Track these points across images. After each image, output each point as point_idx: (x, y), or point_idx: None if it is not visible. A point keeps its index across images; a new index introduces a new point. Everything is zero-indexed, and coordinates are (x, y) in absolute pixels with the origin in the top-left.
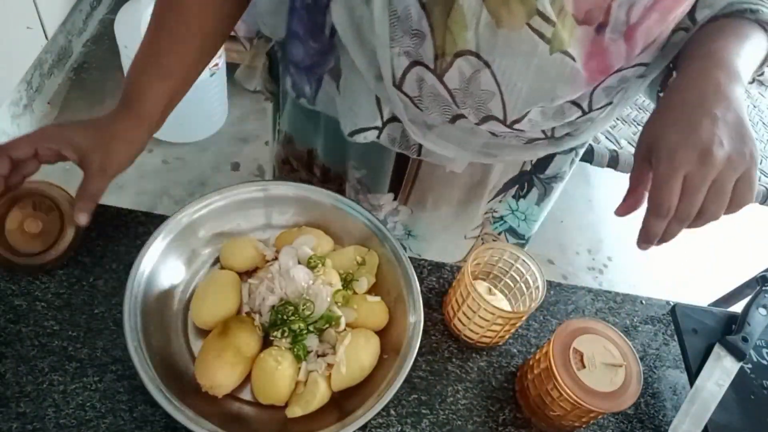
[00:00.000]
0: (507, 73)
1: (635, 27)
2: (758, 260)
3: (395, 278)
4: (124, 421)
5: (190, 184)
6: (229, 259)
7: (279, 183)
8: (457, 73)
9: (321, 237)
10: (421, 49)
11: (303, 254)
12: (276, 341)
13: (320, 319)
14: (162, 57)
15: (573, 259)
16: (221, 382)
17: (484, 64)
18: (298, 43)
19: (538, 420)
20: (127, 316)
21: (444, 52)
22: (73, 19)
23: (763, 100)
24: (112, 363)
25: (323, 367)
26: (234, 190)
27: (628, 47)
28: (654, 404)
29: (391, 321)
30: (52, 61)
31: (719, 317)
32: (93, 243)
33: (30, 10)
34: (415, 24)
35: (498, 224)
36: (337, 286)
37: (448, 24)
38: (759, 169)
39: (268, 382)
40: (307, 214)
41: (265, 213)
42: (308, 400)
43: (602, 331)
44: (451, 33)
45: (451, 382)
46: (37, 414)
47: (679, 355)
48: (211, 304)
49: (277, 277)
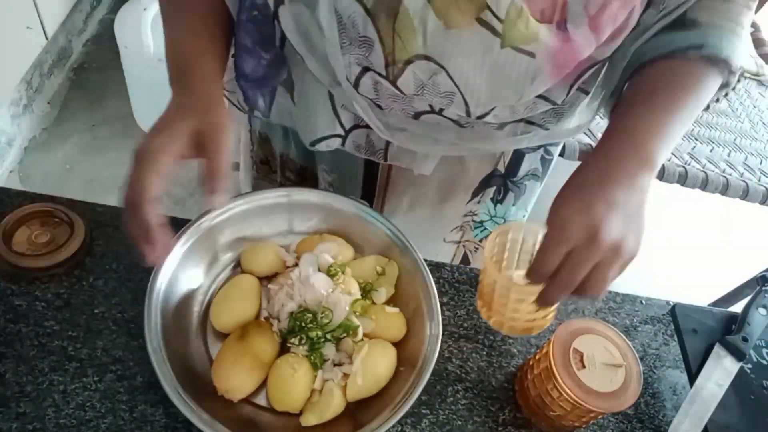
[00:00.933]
0: (464, 72)
1: (597, 17)
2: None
3: (414, 290)
4: (123, 421)
5: (190, 183)
6: (250, 263)
7: (303, 189)
8: (412, 78)
9: (342, 245)
10: (370, 56)
11: (323, 262)
12: (293, 348)
13: (338, 327)
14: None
15: None
16: (237, 386)
17: (440, 67)
18: (246, 56)
19: (538, 420)
20: (147, 318)
21: (395, 59)
22: (73, 19)
23: (763, 100)
24: (112, 363)
25: (339, 377)
26: (258, 195)
27: (595, 35)
28: (654, 404)
29: (408, 333)
30: (52, 61)
31: (719, 317)
32: (93, 243)
33: (30, 10)
34: (362, 31)
35: (479, 230)
36: (356, 296)
37: (396, 30)
38: (759, 169)
39: (283, 389)
40: (329, 221)
41: (288, 219)
42: (323, 409)
43: (602, 331)
44: (400, 39)
45: (451, 382)
46: (37, 414)
47: (679, 355)
48: (231, 308)
49: (297, 283)
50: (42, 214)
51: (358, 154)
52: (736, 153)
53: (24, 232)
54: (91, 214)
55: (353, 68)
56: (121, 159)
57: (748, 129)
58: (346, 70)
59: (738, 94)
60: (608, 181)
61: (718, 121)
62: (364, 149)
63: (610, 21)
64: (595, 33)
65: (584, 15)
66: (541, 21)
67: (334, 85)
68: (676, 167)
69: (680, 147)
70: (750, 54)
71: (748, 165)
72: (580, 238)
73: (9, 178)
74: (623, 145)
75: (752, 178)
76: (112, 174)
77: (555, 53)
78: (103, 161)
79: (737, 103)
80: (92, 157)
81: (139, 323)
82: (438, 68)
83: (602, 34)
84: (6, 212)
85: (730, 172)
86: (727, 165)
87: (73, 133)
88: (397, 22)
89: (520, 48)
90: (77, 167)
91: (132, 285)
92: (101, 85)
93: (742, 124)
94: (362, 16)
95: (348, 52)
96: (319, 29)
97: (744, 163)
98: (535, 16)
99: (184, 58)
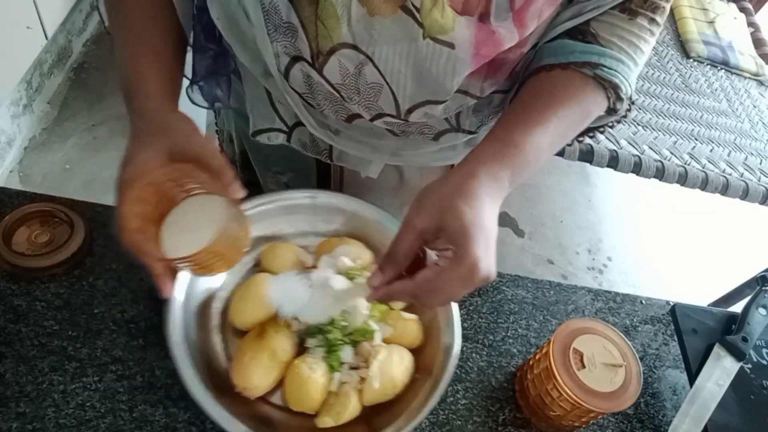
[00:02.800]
0: (390, 63)
1: (522, 11)
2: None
3: None
4: (123, 421)
5: None
6: (270, 262)
7: (327, 192)
8: (338, 67)
9: (361, 249)
10: (296, 43)
11: (342, 265)
12: (311, 349)
13: (356, 331)
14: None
15: (573, 259)
16: (255, 383)
17: (366, 56)
18: (197, 54)
19: (538, 420)
20: (170, 312)
21: (319, 47)
22: (73, 19)
23: (763, 100)
24: (112, 363)
25: (356, 380)
26: (282, 195)
27: (519, 29)
28: (654, 404)
29: (425, 341)
30: (51, 61)
31: (719, 317)
32: (93, 243)
33: (30, 10)
34: (285, 17)
35: None
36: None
37: (320, 17)
38: (759, 169)
39: (300, 389)
40: (349, 225)
41: (309, 220)
42: (339, 411)
43: (602, 331)
44: (324, 26)
45: (451, 382)
46: (37, 414)
47: (679, 355)
48: (250, 306)
49: (316, 285)
50: (42, 214)
51: (305, 152)
52: (736, 153)
53: (24, 232)
54: (91, 214)
55: (282, 58)
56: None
57: (748, 129)
58: (276, 60)
59: (738, 94)
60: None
61: (718, 121)
62: (310, 147)
63: (535, 16)
64: (519, 27)
65: (508, 9)
66: (462, 13)
67: (267, 76)
68: (676, 167)
69: (680, 147)
70: (750, 54)
71: (748, 165)
72: (476, 277)
73: (9, 178)
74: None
75: (752, 178)
76: (112, 174)
77: (481, 46)
78: (103, 161)
79: (737, 103)
80: (92, 157)
81: (139, 323)
82: (365, 58)
83: (526, 29)
84: (6, 212)
85: (730, 172)
86: (727, 165)
87: (72, 132)
88: (319, 9)
89: (438, 39)
90: (77, 167)
91: (132, 285)
92: (101, 85)
93: (742, 124)
94: (284, 2)
95: (274, 39)
96: (246, 17)
97: (744, 163)
98: (456, 8)
99: (129, 86)
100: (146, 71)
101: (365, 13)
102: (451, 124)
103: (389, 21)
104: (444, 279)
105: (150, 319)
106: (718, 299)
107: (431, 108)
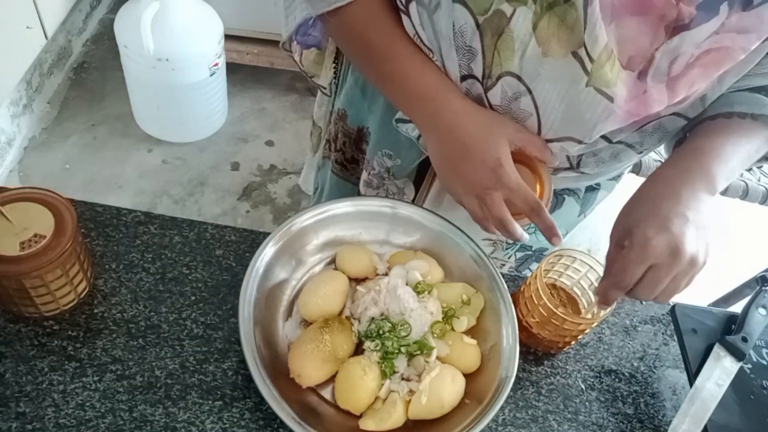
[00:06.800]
0: (546, 97)
1: (677, 79)
2: (758, 260)
3: (497, 328)
4: (123, 421)
5: (189, 183)
6: (345, 262)
7: (408, 204)
8: (500, 92)
9: (433, 266)
10: (472, 64)
11: (412, 278)
12: (367, 352)
13: (414, 343)
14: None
15: None
16: (309, 372)
17: (526, 88)
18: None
19: (532, 342)
20: (244, 289)
21: (491, 72)
22: (73, 18)
23: None
24: (112, 363)
25: (405, 391)
26: (365, 200)
27: (669, 94)
28: (654, 404)
29: (481, 368)
30: (51, 61)
31: (719, 317)
32: (93, 243)
33: (30, 9)
34: (468, 41)
35: (511, 250)
36: (437, 317)
37: (498, 46)
38: (759, 169)
39: (350, 388)
40: (425, 240)
41: (387, 229)
42: (383, 417)
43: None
44: (499, 55)
45: None
46: (37, 414)
47: (678, 355)
48: (320, 299)
49: (384, 291)
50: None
51: (424, 151)
52: None
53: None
54: (91, 214)
55: (456, 72)
56: (120, 159)
57: None
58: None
59: None
60: (678, 197)
61: None
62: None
63: (687, 85)
64: (669, 92)
65: (666, 73)
66: (625, 68)
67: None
68: None
69: None
70: None
71: None
72: (663, 255)
73: (9, 178)
74: (690, 165)
75: (752, 178)
76: (111, 174)
77: (630, 100)
78: (103, 161)
79: None
80: (92, 156)
81: (139, 323)
82: (525, 90)
83: (676, 96)
84: None
85: None
86: None
87: (72, 132)
88: (500, 41)
89: (601, 90)
90: (77, 167)
91: (132, 285)
92: (101, 84)
93: None
94: (472, 29)
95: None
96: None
97: None
98: (623, 61)
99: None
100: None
101: (540, 52)
102: (571, 164)
103: (559, 63)
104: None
105: (150, 319)
106: (718, 299)
107: (570, 145)
